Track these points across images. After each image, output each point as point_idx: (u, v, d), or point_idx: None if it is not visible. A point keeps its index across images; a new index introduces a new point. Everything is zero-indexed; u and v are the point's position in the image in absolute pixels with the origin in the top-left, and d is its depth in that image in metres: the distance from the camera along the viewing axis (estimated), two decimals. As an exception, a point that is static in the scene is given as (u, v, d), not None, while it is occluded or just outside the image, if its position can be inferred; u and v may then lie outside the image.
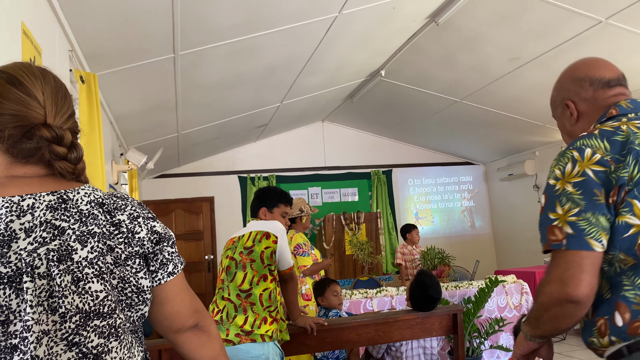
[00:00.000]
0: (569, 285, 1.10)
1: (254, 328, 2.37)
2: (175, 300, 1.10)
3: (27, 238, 0.91)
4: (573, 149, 1.15)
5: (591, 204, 1.09)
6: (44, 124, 0.99)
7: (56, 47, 2.54)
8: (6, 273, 0.88)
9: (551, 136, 6.94)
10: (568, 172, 1.13)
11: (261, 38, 3.85)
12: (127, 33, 3.09)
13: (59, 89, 1.06)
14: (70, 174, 1.02)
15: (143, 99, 4.35)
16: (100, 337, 0.94)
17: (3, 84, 1.00)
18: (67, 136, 1.02)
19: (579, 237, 1.09)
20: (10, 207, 0.92)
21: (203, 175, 7.71)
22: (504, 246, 8.47)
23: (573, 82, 1.36)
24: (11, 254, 0.89)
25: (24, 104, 0.98)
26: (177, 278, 1.10)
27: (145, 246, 1.03)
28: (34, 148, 0.99)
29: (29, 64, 1.08)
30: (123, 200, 1.06)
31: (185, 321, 1.13)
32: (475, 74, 5.44)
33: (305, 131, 8.07)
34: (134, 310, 1.01)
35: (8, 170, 1.00)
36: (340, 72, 5.53)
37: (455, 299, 4.58)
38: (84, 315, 0.92)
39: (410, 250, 5.89)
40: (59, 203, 0.96)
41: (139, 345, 1.06)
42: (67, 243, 0.93)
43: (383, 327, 2.91)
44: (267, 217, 2.68)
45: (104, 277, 0.95)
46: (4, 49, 1.78)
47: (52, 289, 0.90)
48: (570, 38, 4.47)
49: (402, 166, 8.49)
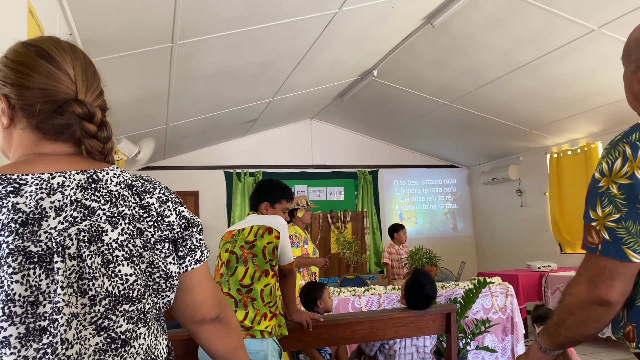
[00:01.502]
0: (599, 288, 1.06)
1: (254, 324, 2.34)
2: (199, 289, 1.08)
3: (57, 217, 0.88)
4: (626, 143, 1.05)
5: (634, 212, 1.01)
6: (75, 100, 0.96)
7: (56, 30, 2.47)
8: (36, 252, 0.84)
9: (536, 142, 7.05)
10: (616, 170, 1.04)
11: (260, 31, 3.82)
12: (127, 19, 3.03)
13: (88, 65, 1.03)
14: (99, 153, 0.99)
15: (135, 88, 4.28)
16: (129, 323, 0.92)
17: (33, 56, 0.96)
18: (97, 113, 0.99)
19: (615, 244, 1.03)
20: (40, 185, 0.89)
21: (188, 169, 7.63)
22: (485, 249, 8.59)
23: None
24: (41, 233, 0.86)
25: (54, 78, 0.95)
26: (203, 266, 1.08)
27: (174, 231, 1.01)
28: (64, 124, 0.95)
29: (57, 38, 1.03)
30: (151, 182, 1.03)
31: (208, 312, 1.11)
32: (466, 78, 5.49)
33: (293, 128, 8.05)
34: (161, 296, 0.99)
35: (36, 147, 0.96)
36: (333, 70, 5.53)
37: (441, 299, 4.61)
38: (113, 299, 0.90)
39: (397, 249, 5.92)
40: (89, 182, 0.93)
41: (163, 333, 1.04)
42: (97, 224, 0.90)
43: (378, 324, 2.91)
44: (269, 212, 2.65)
45: (133, 260, 0.93)
46: (10, 25, 1.72)
47: (82, 270, 0.87)
48: (562, 45, 4.54)
49: (388, 167, 8.54)
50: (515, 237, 7.76)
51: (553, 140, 6.90)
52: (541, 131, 6.64)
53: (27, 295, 0.83)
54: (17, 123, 0.96)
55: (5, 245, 0.82)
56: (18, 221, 0.84)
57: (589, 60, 4.70)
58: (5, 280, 0.81)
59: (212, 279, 1.13)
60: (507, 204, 7.97)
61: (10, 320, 0.81)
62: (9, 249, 0.82)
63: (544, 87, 5.36)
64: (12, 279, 0.82)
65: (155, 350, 0.97)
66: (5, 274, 0.81)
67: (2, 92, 0.96)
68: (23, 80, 0.94)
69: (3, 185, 0.86)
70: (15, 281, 0.82)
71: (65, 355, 0.84)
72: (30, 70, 0.94)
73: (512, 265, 7.40)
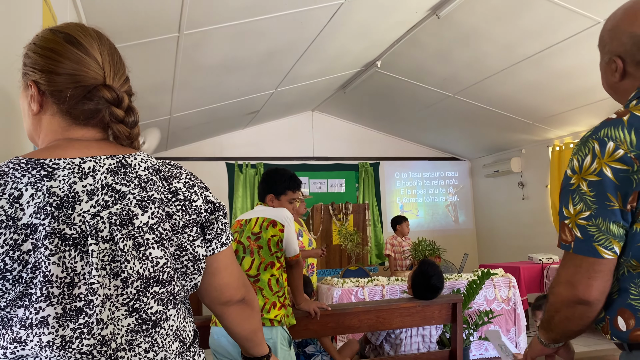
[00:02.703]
0: (577, 288, 1.07)
1: (264, 312, 2.37)
2: (226, 271, 1.10)
3: (89, 201, 0.89)
4: (595, 139, 1.04)
5: (603, 209, 1.01)
6: (104, 85, 0.97)
7: (67, 18, 2.47)
8: (71, 235, 0.86)
9: (539, 135, 7.06)
10: (586, 166, 1.04)
11: (266, 21, 3.81)
12: (136, 9, 3.02)
13: (114, 51, 1.05)
14: (126, 138, 1.01)
15: (140, 79, 4.27)
16: (159, 304, 0.93)
17: (62, 42, 0.97)
18: (125, 99, 1.00)
19: (587, 242, 1.03)
20: (73, 169, 0.90)
21: (190, 160, 7.62)
22: (487, 241, 8.62)
23: (630, 37, 1.14)
24: (75, 216, 0.87)
25: (84, 64, 0.96)
26: (228, 249, 1.10)
27: (202, 214, 1.03)
28: (94, 109, 0.97)
29: (84, 25, 1.05)
30: (177, 168, 1.05)
31: (234, 294, 1.14)
32: (470, 70, 5.49)
33: (294, 120, 8.04)
34: (189, 279, 1.01)
35: (66, 133, 0.98)
36: (337, 61, 5.52)
37: (444, 290, 4.63)
38: (144, 281, 0.91)
39: (399, 241, 5.94)
40: (119, 167, 0.94)
41: (190, 316, 1.05)
42: (128, 207, 0.92)
43: (384, 313, 2.94)
44: (275, 204, 2.66)
45: (163, 243, 0.94)
46: (27, 14, 1.72)
47: (114, 253, 0.89)
48: (567, 37, 4.53)
49: (389, 159, 8.54)
50: (517, 230, 7.79)
51: (555, 133, 6.91)
52: (544, 124, 6.64)
53: (64, 277, 0.84)
54: (47, 109, 0.98)
55: (42, 228, 0.83)
56: (53, 204, 0.85)
57: (592, 52, 4.64)
58: (42, 262, 0.82)
59: (237, 261, 1.17)
60: (509, 197, 7.99)
61: (49, 301, 0.82)
62: (46, 232, 0.83)
63: (547, 80, 5.36)
64: (49, 261, 0.83)
65: (183, 332, 0.99)
66: (43, 256, 0.83)
67: (32, 79, 0.97)
68: (53, 66, 0.95)
69: (37, 170, 0.87)
70: (52, 263, 0.83)
71: (101, 335, 0.86)
72: (60, 56, 0.95)
73: (514, 258, 7.44)
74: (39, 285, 0.82)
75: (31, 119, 1.00)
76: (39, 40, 0.98)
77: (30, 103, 0.98)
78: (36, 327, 0.82)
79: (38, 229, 0.83)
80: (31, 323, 0.82)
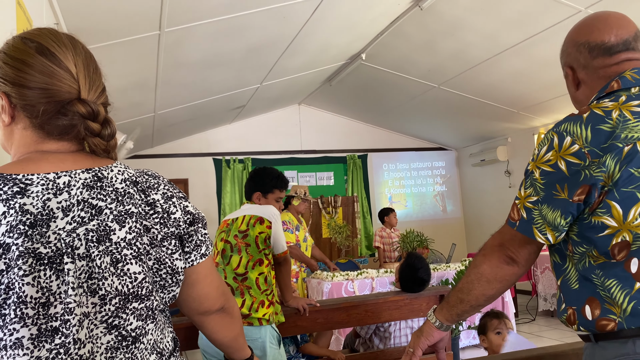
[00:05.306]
0: (509, 249, 1.19)
1: (252, 311, 2.37)
2: (205, 282, 1.08)
3: (65, 217, 0.86)
4: (555, 132, 1.10)
5: (549, 197, 1.09)
6: (78, 99, 0.93)
7: (43, 19, 2.43)
8: (46, 254, 0.84)
9: (524, 123, 7.11)
10: (541, 155, 1.11)
11: (248, 17, 3.78)
12: (114, 7, 2.98)
13: (90, 60, 0.99)
14: (102, 151, 0.97)
15: (122, 77, 4.22)
16: (138, 320, 0.92)
17: (33, 53, 0.92)
18: (101, 111, 0.96)
19: (528, 224, 1.13)
20: (47, 185, 0.87)
21: (177, 156, 7.58)
22: (475, 231, 8.68)
23: (574, 45, 1.22)
24: (50, 234, 0.85)
25: (57, 77, 0.91)
26: (208, 260, 1.08)
27: (180, 227, 1.00)
28: (68, 125, 0.93)
29: (56, 31, 0.99)
30: (155, 178, 1.02)
31: (213, 304, 1.12)
32: (454, 60, 5.50)
33: (281, 114, 8.01)
34: (167, 291, 0.99)
35: (39, 145, 0.94)
36: (321, 54, 5.50)
37: (433, 281, 4.66)
38: (123, 298, 0.90)
39: (388, 233, 5.97)
40: (95, 181, 0.91)
41: (169, 326, 1.05)
42: (105, 223, 0.89)
43: (373, 307, 2.95)
44: (261, 201, 2.66)
45: (141, 258, 0.92)
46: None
47: (91, 270, 0.87)
48: (550, 26, 4.55)
49: (377, 151, 8.56)
50: (504, 218, 7.74)
51: (540, 121, 6.96)
52: (529, 112, 6.69)
53: (39, 297, 0.82)
54: (19, 122, 0.94)
55: (15, 248, 0.81)
56: (27, 223, 0.83)
57: (576, 41, 4.72)
58: (16, 282, 0.81)
59: (216, 271, 1.14)
60: (496, 185, 8.05)
61: (22, 322, 0.81)
62: (19, 251, 0.81)
63: (531, 69, 5.39)
64: (23, 281, 0.81)
65: (160, 344, 0.97)
66: (16, 276, 0.81)
67: (2, 90, 0.93)
68: (23, 79, 0.90)
69: (9, 186, 0.84)
70: (26, 283, 0.81)
71: (78, 354, 0.84)
72: (31, 68, 0.90)
73: (501, 246, 7.49)
74: (13, 307, 0.80)
75: (2, 129, 0.97)
76: (9, 49, 0.93)
77: (1, 114, 0.94)
78: (10, 349, 0.81)
79: (11, 249, 0.81)
80: (5, 345, 0.81)
